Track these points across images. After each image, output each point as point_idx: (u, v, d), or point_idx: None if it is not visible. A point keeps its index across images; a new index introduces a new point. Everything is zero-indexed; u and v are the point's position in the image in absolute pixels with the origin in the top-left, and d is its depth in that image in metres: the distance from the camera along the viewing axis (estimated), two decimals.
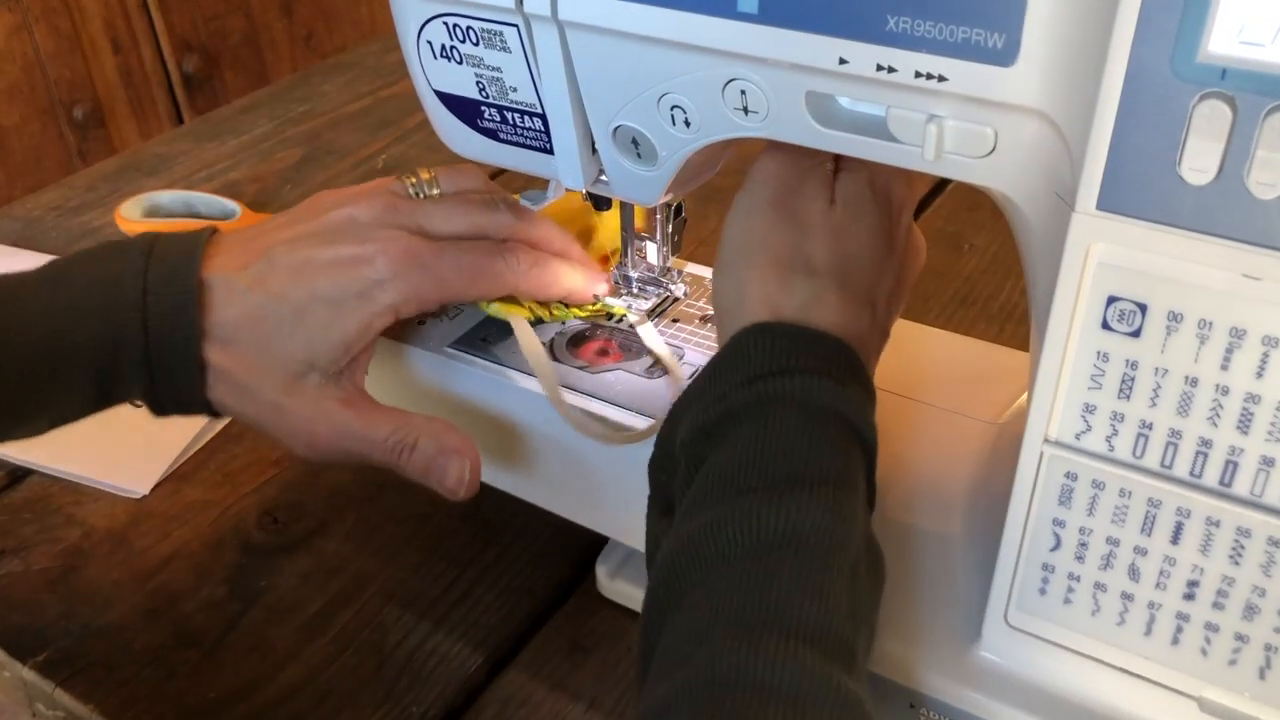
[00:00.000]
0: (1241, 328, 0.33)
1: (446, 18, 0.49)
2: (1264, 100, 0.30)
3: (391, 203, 0.52)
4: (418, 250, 0.51)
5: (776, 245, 0.46)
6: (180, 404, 0.50)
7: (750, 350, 0.43)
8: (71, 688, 0.53)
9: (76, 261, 0.50)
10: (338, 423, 0.50)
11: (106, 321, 0.48)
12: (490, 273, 0.52)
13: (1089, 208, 0.34)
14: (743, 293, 0.46)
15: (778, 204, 0.47)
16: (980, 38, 0.36)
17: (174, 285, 0.48)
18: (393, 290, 0.50)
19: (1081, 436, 0.37)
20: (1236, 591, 0.36)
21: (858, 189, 0.47)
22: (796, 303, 0.44)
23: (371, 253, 0.50)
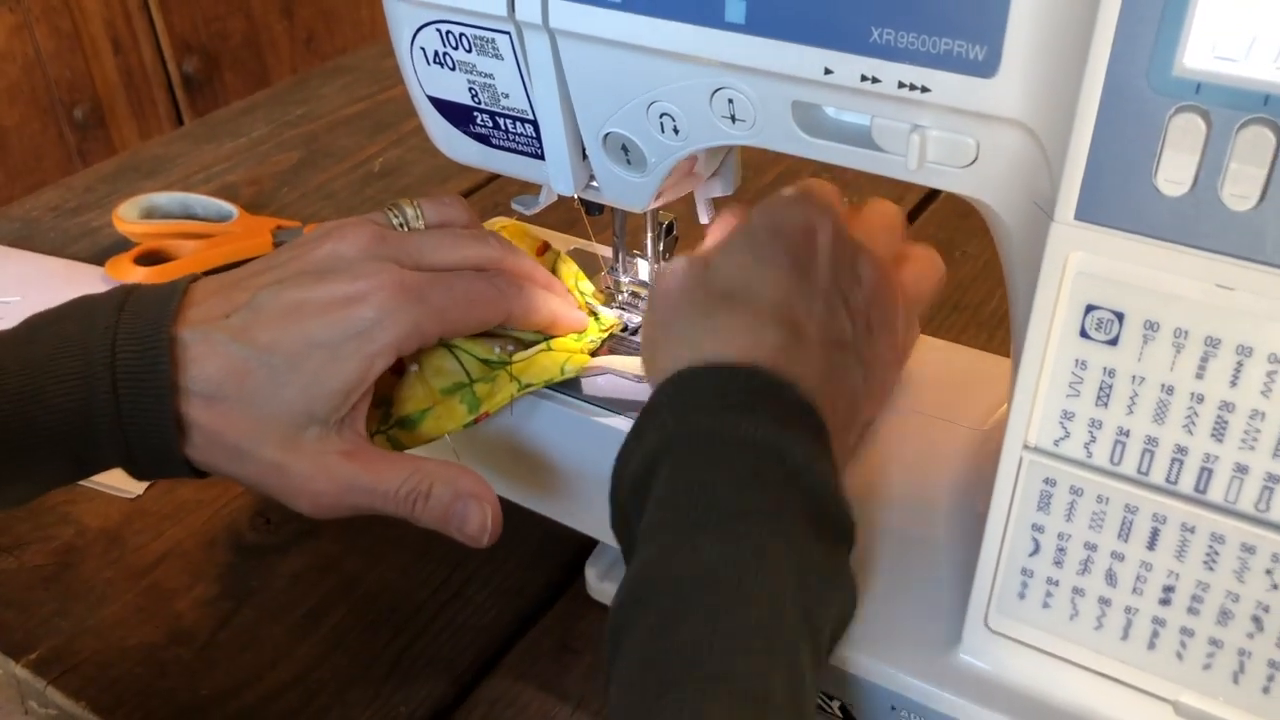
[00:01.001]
0: (1216, 337, 0.34)
1: (439, 24, 0.50)
2: (1237, 114, 0.31)
3: (377, 234, 0.50)
4: (412, 283, 0.48)
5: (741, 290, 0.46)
6: (160, 468, 0.47)
7: (667, 396, 0.43)
8: (64, 685, 0.54)
9: (49, 320, 0.47)
10: (342, 478, 0.47)
11: (76, 384, 0.45)
12: (485, 299, 0.50)
13: (1067, 218, 0.35)
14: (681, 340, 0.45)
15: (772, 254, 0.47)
16: (962, 49, 0.36)
17: (144, 341, 0.45)
18: (392, 328, 0.47)
19: (1060, 443, 0.38)
20: (1211, 597, 0.37)
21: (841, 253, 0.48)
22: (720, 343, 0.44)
23: (365, 290, 0.47)
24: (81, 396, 0.45)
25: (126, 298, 0.47)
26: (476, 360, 0.53)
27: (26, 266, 0.84)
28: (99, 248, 0.87)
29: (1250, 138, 0.31)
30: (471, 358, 0.53)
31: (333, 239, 0.49)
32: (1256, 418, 0.34)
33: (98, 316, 0.46)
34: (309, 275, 0.48)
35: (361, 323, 0.47)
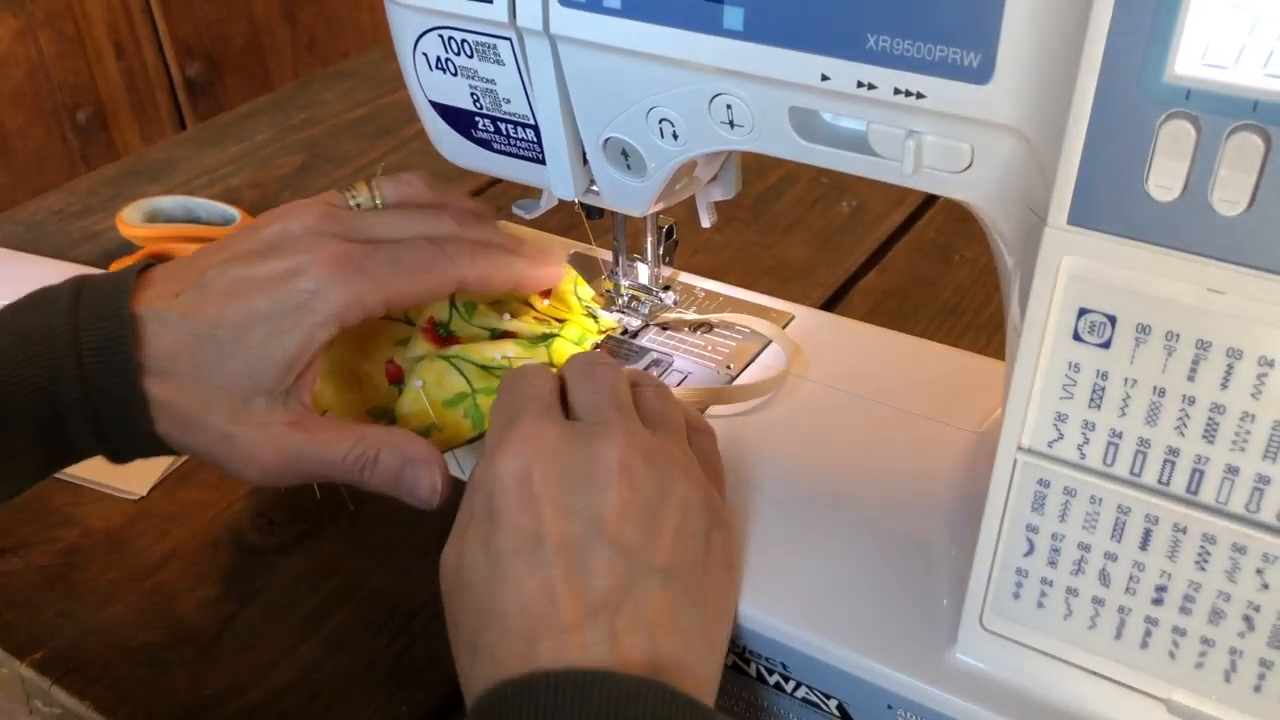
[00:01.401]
0: (1207, 340, 0.34)
1: (442, 30, 0.50)
2: (1226, 120, 0.31)
3: (326, 213, 0.51)
4: (351, 254, 0.49)
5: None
6: (134, 444, 0.49)
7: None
8: (68, 685, 0.54)
9: (9, 312, 0.48)
10: (289, 447, 0.48)
11: (42, 368, 0.46)
12: (430, 265, 0.50)
13: (1060, 222, 0.35)
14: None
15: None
16: (957, 56, 0.37)
17: (105, 320, 0.47)
18: (331, 298, 0.48)
19: (1054, 444, 0.38)
20: (1202, 596, 0.37)
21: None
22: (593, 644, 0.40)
23: (304, 263, 0.48)
24: (49, 378, 0.46)
25: (82, 284, 0.48)
26: (477, 367, 0.53)
27: (30, 270, 0.84)
28: (102, 251, 0.87)
29: (1239, 144, 0.31)
30: (472, 365, 0.53)
31: (280, 219, 0.50)
32: (1247, 420, 0.34)
33: (57, 303, 0.47)
34: (254, 254, 0.49)
35: (301, 295, 0.48)
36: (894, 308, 0.79)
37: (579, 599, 0.40)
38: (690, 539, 0.43)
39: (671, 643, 0.40)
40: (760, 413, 0.54)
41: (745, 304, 0.62)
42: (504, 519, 0.42)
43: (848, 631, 0.44)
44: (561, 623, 0.39)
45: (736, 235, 0.87)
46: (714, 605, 0.43)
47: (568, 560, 0.41)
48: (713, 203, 0.56)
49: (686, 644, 0.41)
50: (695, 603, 0.42)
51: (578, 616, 0.40)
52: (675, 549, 0.42)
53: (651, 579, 0.41)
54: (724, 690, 0.48)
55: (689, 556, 0.43)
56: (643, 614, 0.40)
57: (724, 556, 0.45)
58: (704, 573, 0.43)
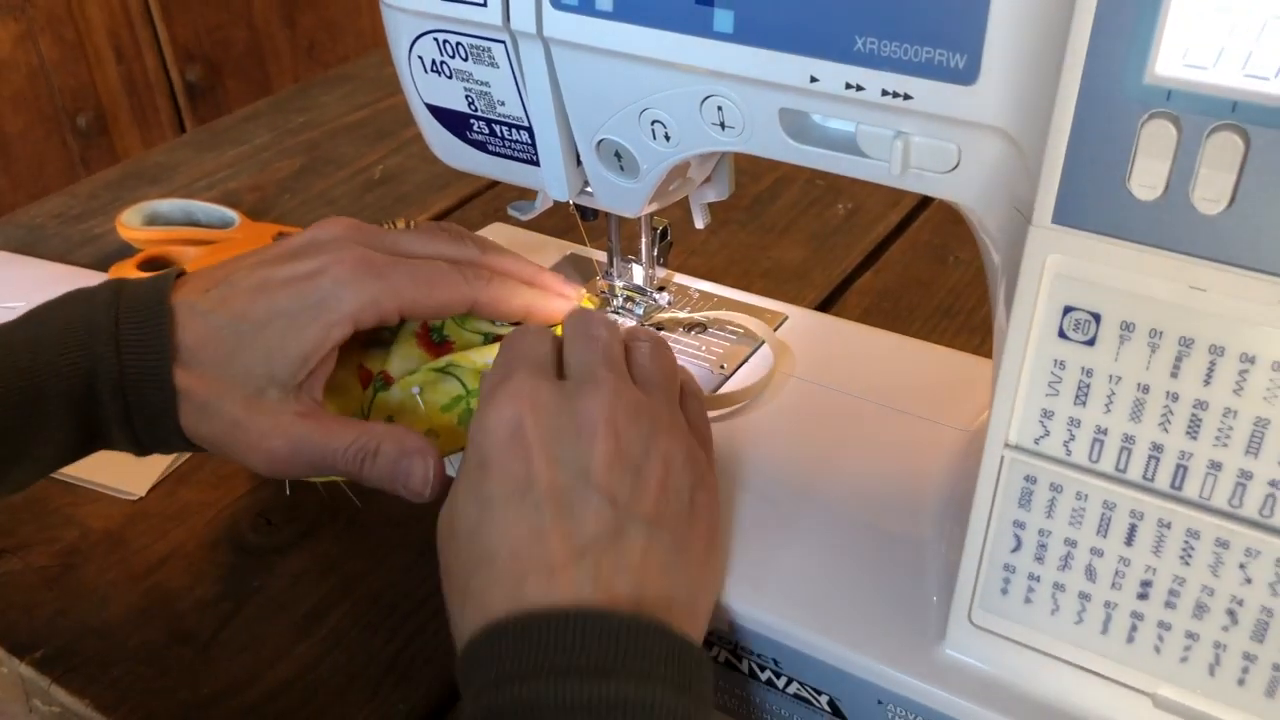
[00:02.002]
0: (1189, 337, 0.35)
1: (437, 33, 0.51)
2: (1207, 120, 0.32)
3: (356, 224, 0.53)
4: (372, 260, 0.51)
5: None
6: (158, 435, 0.50)
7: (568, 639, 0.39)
8: (67, 683, 0.55)
9: (50, 306, 0.51)
10: (295, 435, 0.50)
11: (82, 354, 0.48)
12: (446, 282, 0.52)
13: (1045, 221, 0.35)
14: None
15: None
16: (943, 58, 0.37)
17: (145, 313, 0.49)
18: (349, 298, 0.50)
19: (1040, 441, 0.39)
20: (1186, 591, 0.38)
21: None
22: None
23: (327, 263, 0.50)
24: (88, 365, 0.48)
25: (122, 283, 0.51)
26: (472, 372, 0.54)
27: (31, 273, 0.85)
28: (102, 254, 0.88)
29: (1219, 143, 0.32)
30: (467, 370, 0.54)
31: (313, 229, 0.53)
32: (1229, 416, 0.35)
33: (98, 297, 0.50)
34: (282, 257, 0.52)
35: (320, 293, 0.50)
36: (889, 309, 0.79)
37: (566, 542, 0.41)
38: (674, 493, 0.44)
39: (657, 587, 0.41)
40: (753, 411, 0.55)
41: (740, 305, 0.62)
42: (494, 467, 0.44)
43: (839, 627, 0.45)
44: (549, 563, 0.41)
45: (732, 237, 0.88)
46: (698, 558, 0.44)
47: (556, 505, 0.42)
48: (706, 204, 0.57)
49: (672, 591, 0.42)
50: (680, 553, 0.43)
51: (565, 557, 0.41)
52: (660, 501, 0.44)
53: (638, 527, 0.42)
54: (716, 686, 0.49)
55: (674, 509, 0.44)
56: (629, 559, 0.41)
57: (708, 516, 0.46)
58: (689, 527, 0.44)
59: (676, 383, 0.50)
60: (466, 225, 0.88)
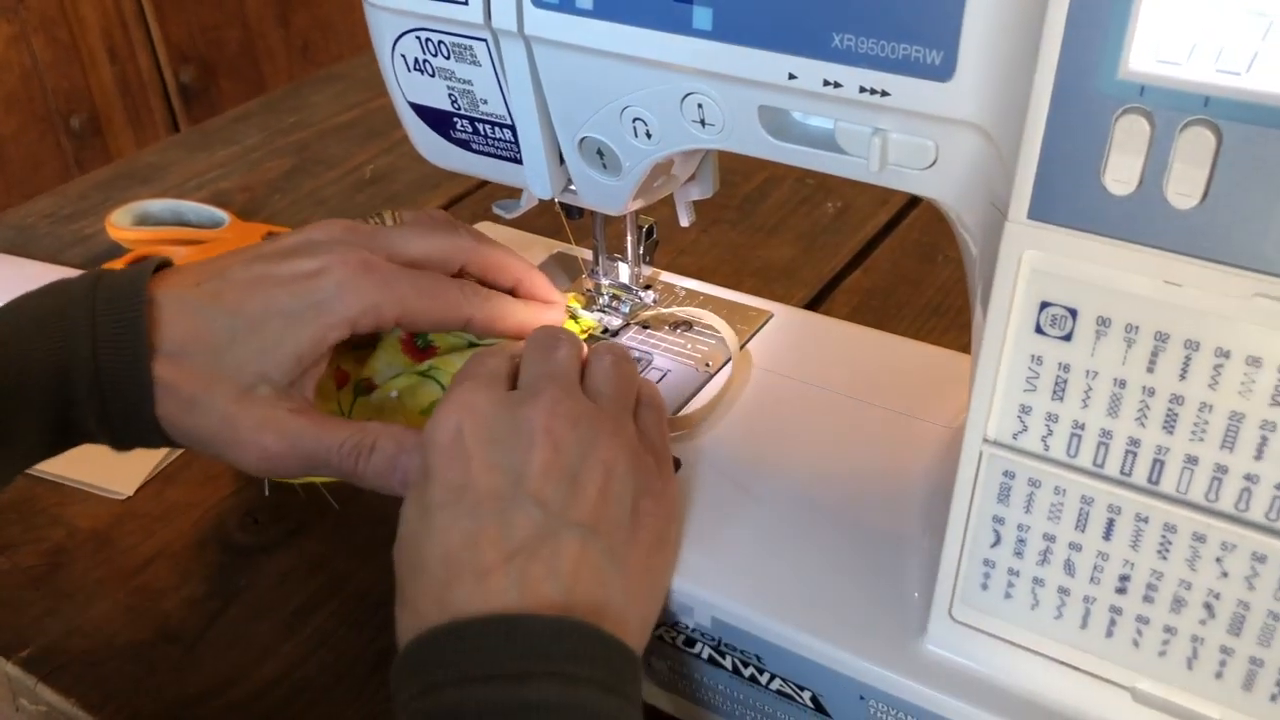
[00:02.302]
0: (1165, 332, 0.35)
1: (419, 32, 0.51)
2: (1179, 115, 0.32)
3: (351, 225, 0.53)
4: (373, 264, 0.51)
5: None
6: (134, 429, 0.50)
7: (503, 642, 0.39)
8: (54, 682, 0.55)
9: (25, 299, 0.50)
10: (290, 430, 0.49)
11: (57, 347, 0.48)
12: (447, 296, 0.52)
13: (1021, 217, 0.36)
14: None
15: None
16: (919, 54, 0.37)
17: (121, 304, 0.48)
18: (349, 301, 0.50)
19: (1018, 436, 0.39)
20: (1164, 585, 0.38)
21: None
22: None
23: (328, 264, 0.50)
24: (63, 359, 0.47)
25: (99, 275, 0.50)
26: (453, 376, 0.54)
27: (20, 272, 0.85)
28: (92, 254, 0.88)
29: (1191, 138, 0.32)
30: (448, 375, 0.54)
31: (308, 229, 0.53)
32: (1205, 410, 0.35)
33: (75, 289, 0.49)
34: (279, 254, 0.51)
35: (320, 293, 0.50)
36: (877, 307, 0.79)
37: (496, 547, 0.41)
38: (615, 501, 0.44)
39: (587, 593, 0.41)
40: (737, 408, 0.55)
41: (726, 303, 0.62)
42: (434, 474, 0.44)
43: (821, 624, 0.45)
44: (479, 568, 0.41)
45: (722, 236, 0.88)
46: (640, 567, 0.44)
47: (489, 511, 0.43)
48: (691, 202, 0.57)
49: (606, 596, 0.42)
50: (617, 561, 0.43)
51: (495, 562, 0.41)
52: (599, 508, 0.43)
53: (571, 532, 0.42)
54: (699, 683, 0.49)
55: (614, 516, 0.44)
56: (559, 564, 0.41)
57: (654, 524, 0.45)
58: (630, 534, 0.44)
59: (630, 394, 0.50)
60: None
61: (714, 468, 0.52)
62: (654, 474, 0.47)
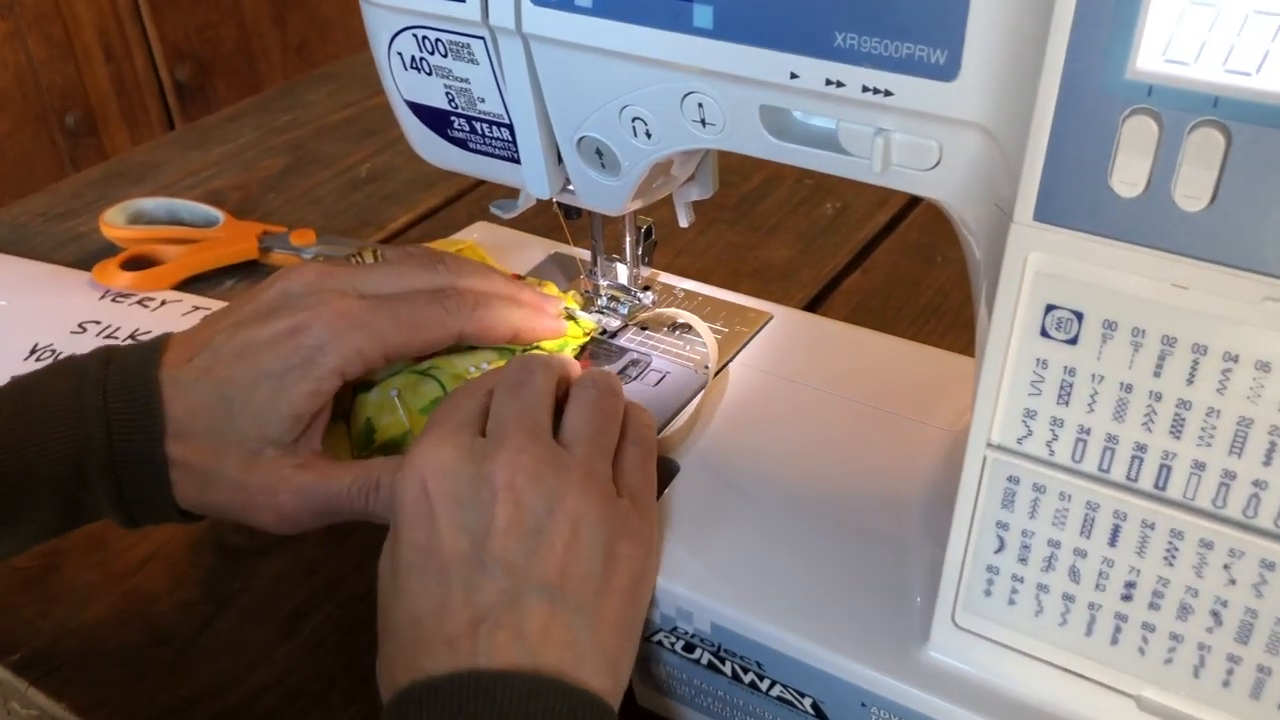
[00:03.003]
0: (1172, 336, 0.34)
1: (416, 30, 0.50)
2: (1188, 116, 0.31)
3: (324, 270, 0.53)
4: (351, 310, 0.51)
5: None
6: (150, 509, 0.51)
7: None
8: (45, 686, 0.54)
9: (39, 378, 0.50)
10: (298, 486, 0.50)
11: (71, 435, 0.48)
12: (429, 320, 0.52)
13: (1026, 218, 0.35)
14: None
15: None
16: (923, 54, 0.37)
17: (133, 386, 0.49)
18: (333, 354, 0.50)
19: (1022, 441, 0.38)
20: (1171, 592, 0.37)
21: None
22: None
23: (306, 320, 0.50)
24: (77, 442, 0.48)
25: (109, 354, 0.51)
26: (452, 376, 0.54)
27: (14, 271, 0.84)
28: (86, 253, 0.87)
29: (1200, 140, 0.31)
30: (447, 374, 0.54)
31: (282, 279, 0.53)
32: (1212, 415, 0.35)
33: (87, 372, 0.50)
34: (259, 316, 0.51)
35: (304, 351, 0.50)
36: (876, 308, 0.79)
37: (462, 613, 0.41)
38: (585, 553, 0.43)
39: (556, 656, 0.41)
40: (736, 411, 0.54)
41: (725, 304, 0.62)
42: (401, 534, 0.45)
43: (822, 630, 0.44)
44: (444, 635, 0.41)
45: (720, 237, 0.87)
46: (614, 617, 0.44)
47: (454, 575, 0.42)
48: (690, 202, 0.56)
49: (577, 657, 0.41)
50: (588, 616, 0.43)
51: (460, 630, 0.41)
52: (567, 563, 0.43)
53: (537, 595, 0.42)
54: (699, 689, 0.48)
55: (583, 570, 0.43)
56: (525, 628, 0.41)
57: (630, 566, 0.45)
58: (602, 585, 0.44)
59: (610, 434, 0.48)
60: (453, 224, 0.88)
61: (714, 471, 0.51)
62: (630, 515, 0.46)
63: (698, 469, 0.51)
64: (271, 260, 0.84)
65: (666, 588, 0.46)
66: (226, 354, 0.50)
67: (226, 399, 0.49)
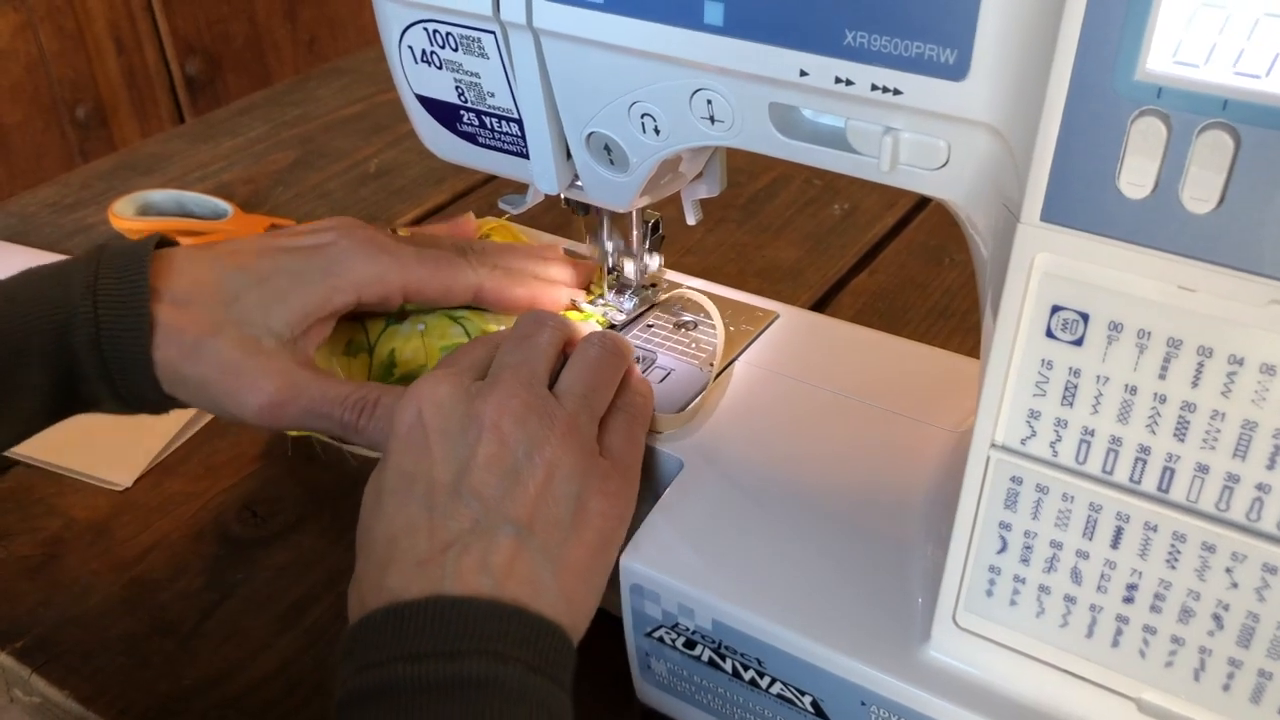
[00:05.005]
0: (1178, 338, 0.34)
1: (427, 23, 0.50)
2: (1197, 118, 0.31)
3: (356, 220, 0.55)
4: (380, 239, 0.53)
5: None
6: (133, 377, 0.50)
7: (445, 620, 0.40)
8: (48, 674, 0.54)
9: (34, 268, 0.51)
10: (296, 380, 0.50)
11: (58, 302, 0.49)
12: (452, 266, 0.54)
13: (1033, 219, 0.35)
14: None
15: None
16: (933, 53, 0.37)
17: (125, 258, 0.50)
18: (356, 267, 0.52)
19: (1026, 442, 0.38)
20: (1173, 595, 0.37)
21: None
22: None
23: (335, 238, 0.53)
24: (63, 317, 0.48)
25: (108, 243, 0.52)
26: (480, 330, 0.55)
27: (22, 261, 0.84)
28: (94, 244, 0.87)
29: (1209, 142, 0.31)
30: (475, 325, 0.56)
31: (321, 221, 0.55)
32: (1217, 418, 0.35)
33: (82, 255, 0.51)
34: (291, 233, 0.54)
35: (327, 259, 0.52)
36: (884, 309, 0.79)
37: (433, 537, 0.43)
38: (557, 500, 0.45)
39: (517, 589, 0.42)
40: (740, 408, 0.54)
41: (732, 303, 0.62)
42: (389, 459, 0.46)
43: (823, 628, 0.44)
44: (415, 556, 0.42)
45: (728, 236, 0.88)
46: (577, 566, 0.44)
47: (431, 501, 0.44)
48: (698, 200, 0.56)
49: (536, 593, 0.42)
50: (552, 559, 0.44)
51: (430, 553, 0.42)
52: (538, 506, 0.44)
53: (506, 530, 0.43)
54: (699, 685, 0.48)
55: (553, 515, 0.44)
56: (491, 559, 0.42)
57: (600, 524, 0.45)
58: (570, 533, 0.45)
59: (603, 394, 0.49)
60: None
61: (717, 469, 0.51)
62: (608, 475, 0.47)
63: (701, 466, 0.51)
64: None
65: (668, 584, 0.46)
66: (249, 247, 0.52)
67: (238, 280, 0.50)
